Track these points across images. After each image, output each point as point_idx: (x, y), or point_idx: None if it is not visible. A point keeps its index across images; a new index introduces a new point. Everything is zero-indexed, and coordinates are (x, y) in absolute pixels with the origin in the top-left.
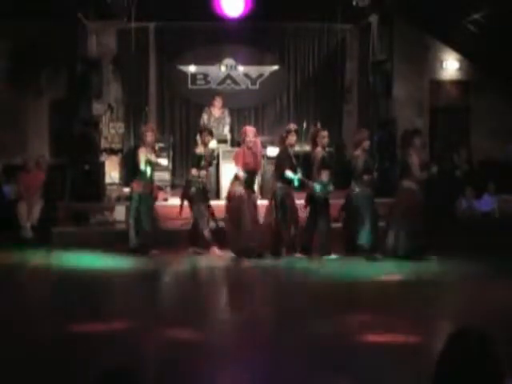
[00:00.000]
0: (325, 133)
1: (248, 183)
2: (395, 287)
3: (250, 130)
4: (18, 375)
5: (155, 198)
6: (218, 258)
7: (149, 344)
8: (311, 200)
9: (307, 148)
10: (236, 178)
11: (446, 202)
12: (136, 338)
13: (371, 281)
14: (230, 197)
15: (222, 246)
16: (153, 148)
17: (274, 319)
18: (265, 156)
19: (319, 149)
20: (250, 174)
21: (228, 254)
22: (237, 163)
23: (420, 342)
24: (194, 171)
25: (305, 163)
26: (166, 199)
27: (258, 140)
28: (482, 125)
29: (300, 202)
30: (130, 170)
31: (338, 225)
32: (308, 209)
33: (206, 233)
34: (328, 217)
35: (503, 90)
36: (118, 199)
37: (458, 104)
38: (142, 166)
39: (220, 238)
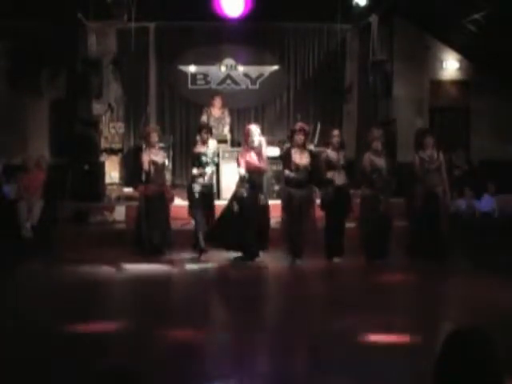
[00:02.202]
0: (335, 132)
1: (252, 184)
2: (395, 287)
3: (253, 128)
4: (18, 375)
5: (170, 200)
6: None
7: (149, 344)
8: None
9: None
10: (240, 178)
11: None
12: (136, 338)
13: (370, 281)
14: (235, 198)
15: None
16: (158, 148)
17: (272, 319)
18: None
19: (329, 149)
20: (253, 174)
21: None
22: (238, 163)
23: (420, 342)
24: (194, 171)
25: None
26: None
27: (263, 139)
28: (482, 125)
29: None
30: (132, 172)
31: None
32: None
33: (200, 237)
34: (303, 219)
35: (503, 90)
36: (118, 199)
37: (458, 104)
38: (146, 168)
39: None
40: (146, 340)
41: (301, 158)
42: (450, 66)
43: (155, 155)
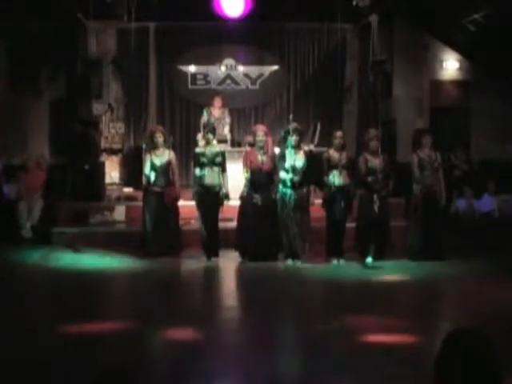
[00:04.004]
0: (338, 133)
1: (256, 184)
2: (395, 288)
3: (259, 128)
4: (17, 375)
5: (173, 200)
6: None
7: (148, 344)
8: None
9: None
10: (245, 179)
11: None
12: (136, 338)
13: (369, 282)
14: (240, 197)
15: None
16: (164, 148)
17: (272, 319)
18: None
19: (331, 149)
20: (258, 174)
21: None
22: (244, 164)
23: (420, 342)
24: (196, 171)
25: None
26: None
27: (270, 139)
28: (482, 125)
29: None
30: (133, 172)
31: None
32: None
33: (202, 238)
34: (298, 220)
35: (503, 89)
36: (118, 199)
37: (458, 104)
38: (147, 171)
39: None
40: (145, 340)
41: (295, 160)
42: (450, 65)
43: (157, 156)
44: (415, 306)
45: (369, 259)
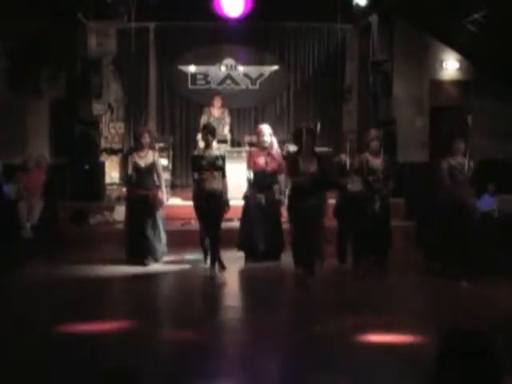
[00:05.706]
0: (350, 136)
1: (259, 184)
2: (396, 287)
3: (265, 129)
4: (18, 376)
5: (157, 204)
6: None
7: (149, 344)
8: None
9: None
10: (248, 180)
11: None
12: (136, 338)
13: (369, 281)
14: (244, 197)
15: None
16: (151, 149)
17: (274, 319)
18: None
19: (343, 155)
20: (261, 175)
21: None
22: (247, 164)
23: (420, 342)
24: (195, 175)
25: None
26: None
27: (274, 139)
28: (482, 125)
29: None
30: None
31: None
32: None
33: (202, 243)
34: (312, 230)
35: (503, 90)
36: (118, 199)
37: (458, 104)
38: (130, 172)
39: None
40: (146, 340)
41: (309, 166)
42: (450, 65)
43: (140, 158)
44: (416, 305)
45: (369, 259)
